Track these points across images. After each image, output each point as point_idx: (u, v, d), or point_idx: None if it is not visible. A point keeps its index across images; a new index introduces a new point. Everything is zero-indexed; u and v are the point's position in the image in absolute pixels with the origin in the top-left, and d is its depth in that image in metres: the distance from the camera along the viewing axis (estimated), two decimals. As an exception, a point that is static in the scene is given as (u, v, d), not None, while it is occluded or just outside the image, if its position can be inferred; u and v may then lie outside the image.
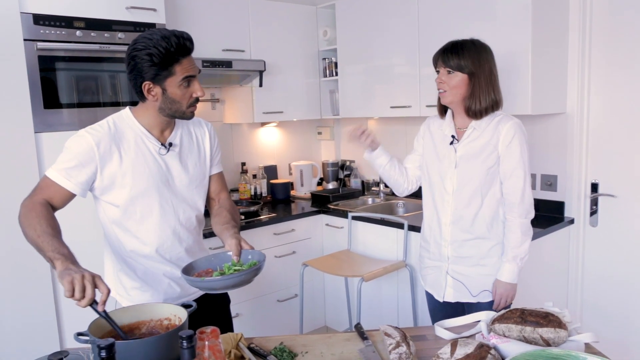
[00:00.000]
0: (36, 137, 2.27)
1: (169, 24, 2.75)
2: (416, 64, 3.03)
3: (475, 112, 1.89)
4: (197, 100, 1.56)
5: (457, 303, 2.03)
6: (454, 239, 1.98)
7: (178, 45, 1.46)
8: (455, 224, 1.97)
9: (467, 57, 1.86)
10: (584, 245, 2.86)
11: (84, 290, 1.21)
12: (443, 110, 2.04)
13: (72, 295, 1.21)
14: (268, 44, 3.36)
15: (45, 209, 1.46)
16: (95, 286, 1.24)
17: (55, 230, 1.40)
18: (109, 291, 1.25)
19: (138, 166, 1.55)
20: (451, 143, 1.97)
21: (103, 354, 0.93)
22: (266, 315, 3.17)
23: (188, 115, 1.58)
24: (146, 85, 1.50)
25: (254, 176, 3.70)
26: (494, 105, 1.90)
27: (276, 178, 3.85)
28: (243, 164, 3.62)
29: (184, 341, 1.01)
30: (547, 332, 1.37)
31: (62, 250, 1.33)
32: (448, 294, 2.02)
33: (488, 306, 1.95)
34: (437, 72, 1.94)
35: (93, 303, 1.25)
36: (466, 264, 1.97)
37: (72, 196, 1.53)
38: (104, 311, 1.26)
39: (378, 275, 2.70)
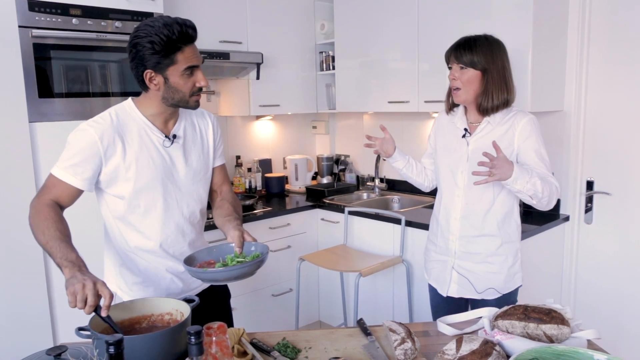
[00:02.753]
0: (30, 127, 2.22)
1: (167, 13, 2.70)
2: (415, 59, 3.01)
3: (487, 109, 1.87)
4: (200, 89, 1.53)
5: (461, 299, 2.02)
6: (462, 234, 1.95)
7: (180, 33, 1.42)
8: (465, 219, 1.94)
9: (480, 53, 1.83)
10: (579, 242, 2.88)
11: (85, 299, 1.22)
12: (451, 106, 2.00)
13: (76, 305, 1.22)
14: (265, 37, 3.33)
15: (53, 210, 1.43)
16: (98, 292, 1.23)
17: (63, 234, 1.38)
18: (111, 296, 1.25)
19: (142, 159, 1.52)
20: (463, 136, 1.94)
21: (112, 350, 0.91)
22: (261, 309, 3.15)
23: (192, 105, 1.55)
24: (147, 73, 1.46)
25: (249, 169, 3.67)
26: (505, 102, 1.88)
27: (271, 172, 3.83)
28: (238, 157, 3.59)
29: (192, 337, 1.00)
30: (550, 329, 1.37)
31: (70, 256, 1.32)
32: (452, 289, 2.00)
33: (492, 304, 1.92)
34: (450, 68, 1.91)
35: (97, 309, 1.24)
36: (473, 260, 1.95)
37: (80, 192, 1.50)
38: (108, 316, 1.25)
39: (375, 270, 2.70)
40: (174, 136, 1.59)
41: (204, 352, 1.03)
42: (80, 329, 1.24)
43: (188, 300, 1.37)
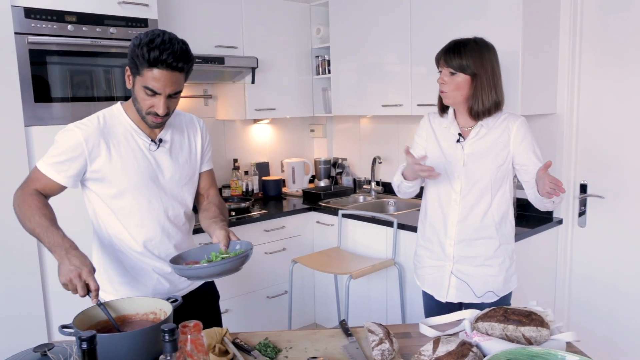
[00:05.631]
0: (26, 131, 2.27)
1: (161, 19, 2.75)
2: (408, 63, 3.04)
3: (478, 112, 1.87)
4: (157, 114, 1.51)
5: (456, 304, 2.00)
6: (460, 239, 1.94)
7: (153, 57, 1.42)
8: (462, 223, 1.93)
9: (469, 57, 1.83)
10: (572, 245, 2.88)
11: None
12: (443, 108, 2.00)
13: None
14: (261, 41, 3.37)
15: (36, 198, 1.50)
16: (85, 282, 1.32)
17: (47, 218, 1.46)
18: (97, 287, 1.33)
19: (127, 162, 1.56)
20: (457, 141, 1.93)
21: (84, 345, 0.93)
22: (256, 311, 3.18)
23: (147, 122, 1.55)
24: (127, 69, 1.52)
25: (246, 173, 3.70)
26: (496, 106, 1.88)
27: (268, 175, 3.86)
28: (235, 160, 3.62)
29: (166, 334, 1.02)
30: (529, 331, 1.38)
31: (56, 240, 1.40)
32: (451, 295, 1.98)
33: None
34: (440, 72, 1.91)
35: (89, 292, 1.34)
36: (472, 263, 1.94)
37: (63, 187, 1.56)
38: (99, 302, 1.35)
39: (366, 272, 2.72)
40: (160, 140, 1.62)
41: (178, 350, 1.06)
42: (64, 326, 1.27)
43: (172, 301, 1.40)
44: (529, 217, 2.86)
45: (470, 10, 2.68)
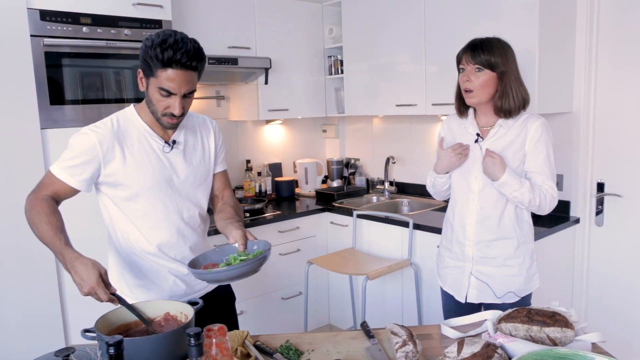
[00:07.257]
0: (42, 134, 2.28)
1: (175, 20, 2.75)
2: (422, 62, 3.02)
3: (508, 111, 1.84)
4: (173, 115, 1.51)
5: (475, 305, 1.99)
6: (479, 239, 1.93)
7: (167, 57, 1.42)
8: (481, 224, 1.92)
9: (497, 54, 1.80)
10: (590, 244, 2.85)
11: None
12: (461, 108, 1.97)
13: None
14: (274, 42, 3.36)
15: (45, 205, 1.49)
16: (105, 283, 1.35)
17: (53, 227, 1.45)
18: (109, 297, 1.35)
19: (141, 164, 1.56)
20: (476, 141, 1.91)
21: (111, 350, 0.93)
22: (270, 313, 3.17)
23: (163, 123, 1.54)
24: (139, 72, 1.51)
25: (259, 174, 3.70)
26: (525, 103, 1.86)
27: (281, 176, 3.85)
28: (248, 161, 3.62)
29: (192, 339, 1.02)
30: (553, 332, 1.36)
31: (58, 250, 1.43)
32: (471, 295, 1.97)
33: (509, 308, 1.90)
34: (461, 70, 1.87)
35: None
36: (491, 264, 1.93)
37: (76, 191, 1.55)
38: (127, 304, 1.37)
39: (383, 273, 2.70)
40: (174, 142, 1.61)
41: (203, 354, 1.05)
42: (86, 330, 1.26)
43: (192, 303, 1.39)
44: (545, 217, 2.81)
45: (485, 9, 2.65)
